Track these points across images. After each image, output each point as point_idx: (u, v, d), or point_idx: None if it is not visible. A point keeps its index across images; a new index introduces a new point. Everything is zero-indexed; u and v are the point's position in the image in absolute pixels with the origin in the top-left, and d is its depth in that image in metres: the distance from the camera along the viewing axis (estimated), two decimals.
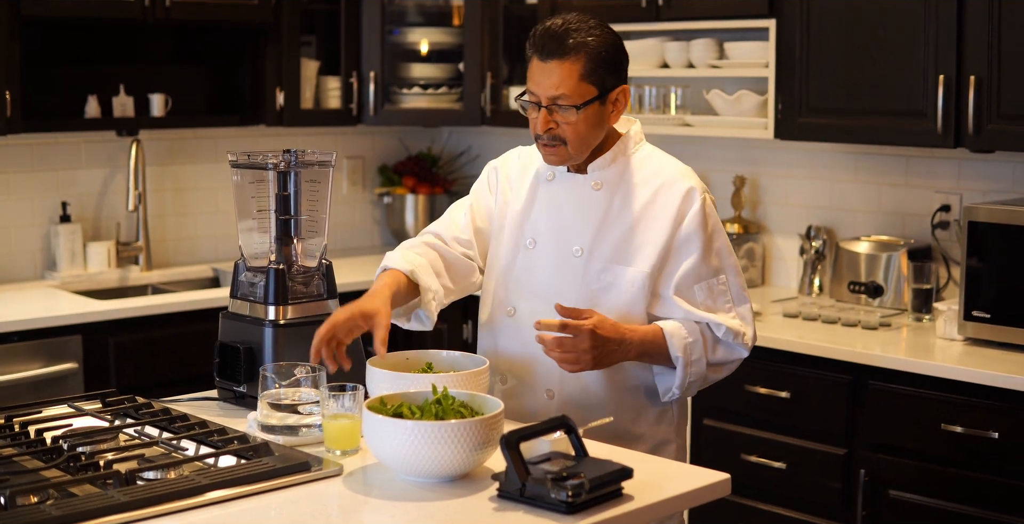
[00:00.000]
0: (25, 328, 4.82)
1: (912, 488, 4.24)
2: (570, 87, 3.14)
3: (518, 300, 3.35)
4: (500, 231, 3.42)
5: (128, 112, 5.72)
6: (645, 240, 3.25)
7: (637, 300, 3.24)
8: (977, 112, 4.35)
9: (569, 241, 3.30)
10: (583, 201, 3.31)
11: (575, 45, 3.13)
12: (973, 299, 4.36)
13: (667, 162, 3.34)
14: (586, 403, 3.28)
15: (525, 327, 3.29)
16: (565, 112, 3.16)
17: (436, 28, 6.32)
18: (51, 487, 2.52)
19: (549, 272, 3.31)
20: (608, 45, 3.19)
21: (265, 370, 2.95)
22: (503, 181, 3.46)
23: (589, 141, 3.23)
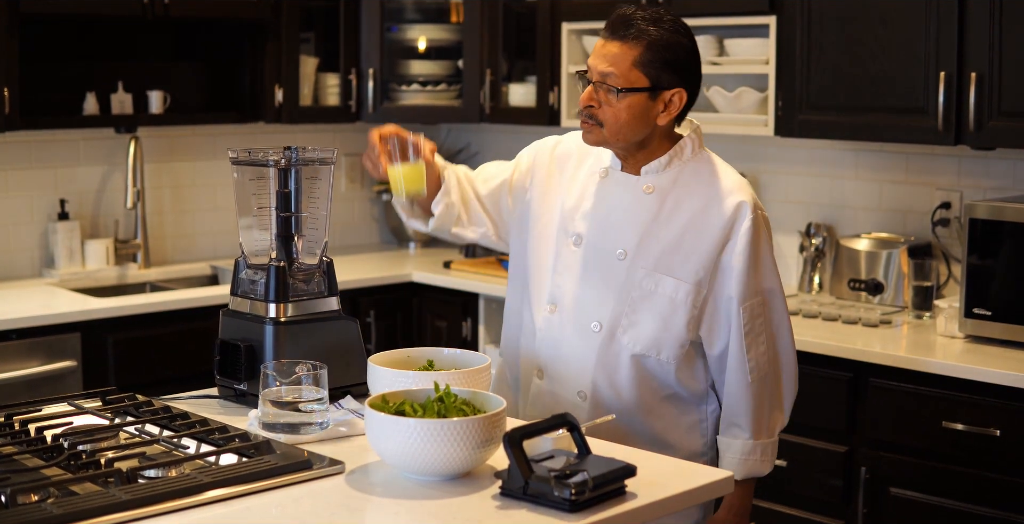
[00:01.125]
0: (23, 326, 4.82)
1: (913, 486, 4.24)
2: (621, 69, 3.11)
3: (560, 297, 3.31)
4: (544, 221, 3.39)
5: (127, 109, 5.72)
6: (691, 251, 3.20)
7: (678, 312, 3.20)
8: (978, 109, 4.35)
9: (614, 243, 3.25)
10: (632, 203, 3.25)
11: (639, 31, 3.11)
12: (974, 296, 4.35)
13: (724, 172, 3.27)
14: (618, 407, 3.26)
15: (564, 325, 3.29)
16: (608, 93, 3.13)
17: (435, 25, 6.31)
18: (52, 485, 2.51)
19: (591, 273, 3.27)
20: (674, 43, 3.15)
21: (266, 368, 2.94)
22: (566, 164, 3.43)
23: (627, 133, 3.17)
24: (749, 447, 3.27)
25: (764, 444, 3.29)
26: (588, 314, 3.24)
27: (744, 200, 3.20)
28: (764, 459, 3.29)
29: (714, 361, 3.28)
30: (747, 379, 3.23)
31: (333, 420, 3.00)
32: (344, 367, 3.23)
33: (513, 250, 3.48)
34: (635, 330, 3.23)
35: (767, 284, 3.24)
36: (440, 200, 3.38)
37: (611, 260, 3.24)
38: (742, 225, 3.18)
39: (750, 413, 3.26)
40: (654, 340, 3.22)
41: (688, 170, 3.25)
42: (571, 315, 3.28)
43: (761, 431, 3.28)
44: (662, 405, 3.28)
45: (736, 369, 3.24)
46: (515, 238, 3.47)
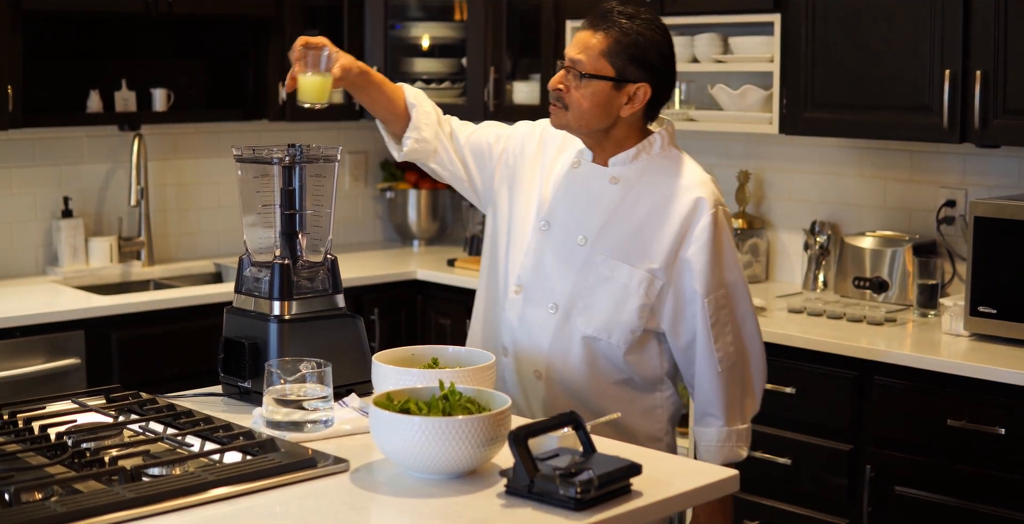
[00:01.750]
0: (27, 323, 4.82)
1: (918, 484, 4.23)
2: (589, 57, 3.22)
3: (526, 279, 3.41)
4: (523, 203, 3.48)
5: (130, 107, 5.72)
6: (649, 241, 3.29)
7: (631, 298, 3.29)
8: (983, 107, 4.34)
9: (576, 229, 3.36)
10: (598, 192, 3.35)
11: (611, 23, 3.23)
12: (979, 294, 4.34)
13: (688, 169, 3.36)
14: (573, 389, 3.37)
15: (527, 306, 3.40)
16: (575, 78, 3.24)
17: (438, 22, 6.30)
18: (56, 483, 2.51)
19: (555, 257, 3.37)
20: (645, 38, 3.24)
21: (270, 366, 2.94)
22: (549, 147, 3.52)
23: (589, 119, 3.27)
24: (724, 434, 3.37)
25: (739, 430, 3.39)
26: (546, 296, 3.37)
27: (703, 196, 3.29)
28: (740, 444, 3.40)
29: (681, 353, 3.37)
30: (717, 369, 3.33)
31: (337, 418, 3.00)
32: (348, 365, 3.23)
33: (492, 224, 3.57)
34: (589, 313, 3.33)
35: (730, 277, 3.33)
36: (409, 135, 3.50)
37: (572, 246, 3.36)
38: (701, 221, 3.28)
39: (722, 401, 3.35)
40: (605, 323, 3.32)
41: (655, 164, 3.35)
42: (532, 297, 3.39)
43: (735, 418, 3.38)
44: (615, 389, 3.38)
45: (705, 360, 3.33)
46: (496, 213, 3.56)
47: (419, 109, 3.50)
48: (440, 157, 3.55)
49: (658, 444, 3.38)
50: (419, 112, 3.50)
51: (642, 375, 3.37)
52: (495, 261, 3.54)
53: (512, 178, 3.52)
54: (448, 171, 3.58)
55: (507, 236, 3.49)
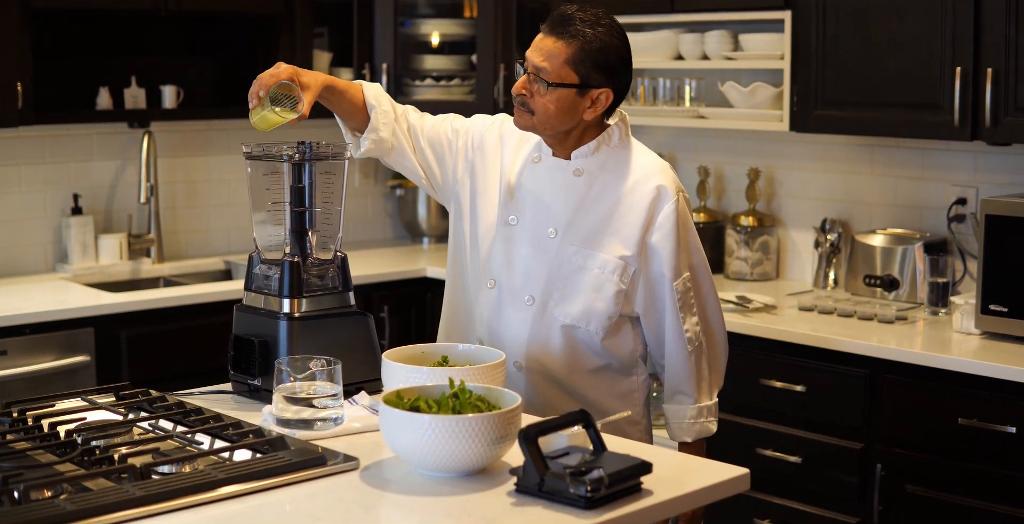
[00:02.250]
0: (37, 321, 4.82)
1: (929, 483, 4.23)
2: (553, 66, 3.28)
3: (499, 274, 3.47)
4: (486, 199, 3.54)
5: (140, 104, 5.72)
6: (618, 229, 3.39)
7: (606, 285, 3.38)
8: (994, 105, 4.33)
9: (545, 222, 3.43)
10: (563, 185, 3.43)
11: (575, 31, 3.27)
12: (990, 293, 4.33)
13: (646, 157, 3.47)
14: (554, 378, 3.45)
15: (502, 299, 3.47)
16: (539, 85, 3.30)
17: (448, 20, 6.30)
18: (65, 481, 2.51)
19: (526, 250, 3.44)
20: (607, 45, 3.30)
21: (280, 363, 2.93)
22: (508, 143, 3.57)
23: (554, 123, 3.34)
24: (696, 411, 3.49)
25: (708, 406, 3.51)
26: (522, 289, 3.43)
27: (664, 184, 3.39)
28: (710, 419, 3.52)
29: (652, 335, 3.49)
30: (687, 349, 3.45)
31: (347, 416, 2.99)
32: (358, 363, 3.23)
33: (456, 219, 3.64)
34: (565, 302, 3.40)
35: (693, 260, 3.45)
36: (367, 136, 3.49)
37: (543, 238, 3.42)
38: (665, 207, 3.38)
39: (692, 379, 3.48)
40: (583, 312, 3.40)
41: (615, 155, 3.44)
42: (507, 291, 3.46)
43: (704, 394, 3.50)
44: (594, 375, 3.46)
45: (674, 341, 3.45)
46: (459, 207, 3.61)
47: (378, 110, 3.51)
48: (396, 154, 3.58)
49: (636, 427, 3.49)
50: (378, 113, 3.51)
51: (619, 359, 3.46)
52: (461, 256, 3.61)
53: (472, 172, 3.58)
54: (404, 167, 3.62)
55: (472, 230, 3.56)
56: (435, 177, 3.63)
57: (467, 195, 3.57)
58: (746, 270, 5.44)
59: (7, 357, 4.74)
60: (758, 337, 4.58)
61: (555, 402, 3.42)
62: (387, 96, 3.57)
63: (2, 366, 4.72)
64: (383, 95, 3.55)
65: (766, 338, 4.57)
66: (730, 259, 5.48)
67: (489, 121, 3.64)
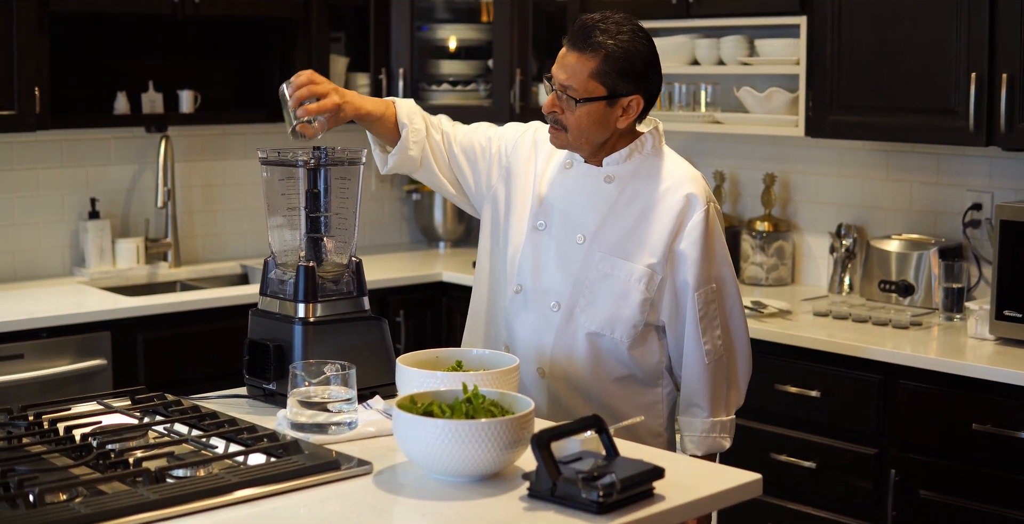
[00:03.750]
0: (54, 324, 4.84)
1: (943, 488, 4.22)
2: (578, 81, 3.26)
3: (525, 279, 3.46)
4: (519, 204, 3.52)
5: (157, 108, 5.74)
6: (645, 237, 3.36)
7: (631, 293, 3.35)
8: (1009, 110, 4.33)
9: (574, 228, 3.41)
10: (593, 192, 3.41)
11: (596, 44, 3.24)
12: (1005, 298, 4.33)
13: (678, 165, 3.44)
14: (576, 385, 3.43)
15: (528, 305, 3.46)
16: (568, 102, 3.29)
17: (465, 24, 6.31)
18: (80, 485, 2.52)
19: (553, 256, 3.43)
20: (631, 53, 3.27)
21: (295, 368, 2.94)
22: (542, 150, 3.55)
23: (589, 136, 3.33)
24: (708, 425, 3.42)
25: (723, 422, 3.44)
26: (548, 295, 3.42)
27: (695, 192, 3.36)
28: (723, 435, 3.45)
29: (674, 344, 3.44)
30: (704, 361, 3.39)
31: (361, 420, 3.00)
32: (373, 367, 3.24)
33: (488, 224, 3.61)
34: (591, 310, 3.39)
35: (719, 272, 3.41)
36: (395, 154, 3.50)
37: (571, 245, 3.41)
38: (694, 216, 3.35)
39: (708, 393, 3.41)
40: (608, 319, 3.38)
41: (647, 163, 3.42)
42: (532, 296, 3.45)
43: (719, 409, 3.43)
44: (618, 385, 3.43)
45: (693, 352, 3.40)
46: (493, 212, 3.59)
47: (409, 128, 3.50)
48: (424, 171, 3.58)
49: (659, 440, 3.45)
50: (408, 131, 3.50)
51: (644, 369, 3.43)
52: (493, 260, 3.59)
53: (508, 178, 3.56)
54: (432, 182, 3.62)
55: (503, 235, 3.54)
56: (467, 184, 3.61)
57: (501, 201, 3.56)
58: (761, 275, 5.44)
59: (24, 360, 4.76)
60: (773, 342, 4.58)
61: (576, 410, 3.39)
62: (420, 112, 3.56)
63: (19, 369, 4.74)
64: (416, 112, 3.54)
65: (781, 343, 4.57)
66: (745, 264, 5.48)
67: (523, 128, 3.63)
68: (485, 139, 3.61)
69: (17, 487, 2.44)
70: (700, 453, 3.42)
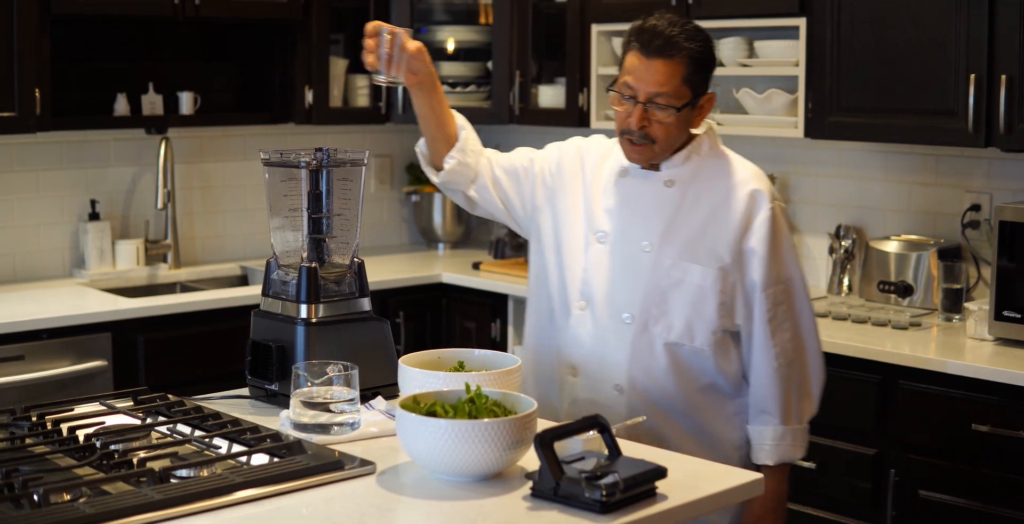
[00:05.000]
0: (54, 326, 4.84)
1: (942, 488, 4.23)
2: (672, 87, 3.21)
3: (591, 294, 3.38)
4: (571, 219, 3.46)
5: (157, 110, 5.74)
6: (715, 239, 3.30)
7: (707, 298, 3.28)
8: (1008, 111, 4.34)
9: (639, 236, 3.34)
10: (655, 197, 3.36)
11: (683, 48, 3.20)
12: (1004, 299, 4.34)
13: (740, 164, 3.39)
14: (656, 398, 3.33)
15: (597, 320, 3.36)
16: (663, 111, 3.23)
17: (464, 26, 6.32)
18: (84, 485, 2.52)
19: (619, 267, 3.35)
20: (708, 52, 3.28)
21: (297, 368, 2.95)
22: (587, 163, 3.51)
23: (675, 142, 3.31)
24: (780, 432, 3.35)
25: (795, 430, 3.37)
26: (619, 307, 3.33)
27: (761, 189, 3.32)
28: (796, 444, 3.38)
29: (745, 349, 3.37)
30: (773, 364, 3.32)
31: (364, 421, 3.01)
32: (375, 368, 3.24)
33: (537, 247, 3.54)
34: (666, 319, 3.31)
35: (788, 272, 3.35)
36: (453, 156, 3.48)
37: (637, 253, 3.33)
38: (761, 213, 3.30)
39: (778, 398, 3.34)
40: (686, 328, 3.30)
41: (706, 164, 3.37)
42: (602, 310, 3.35)
43: (790, 417, 3.36)
44: (700, 395, 3.35)
45: (762, 355, 3.33)
46: (540, 235, 3.53)
47: (468, 132, 3.51)
48: (478, 184, 3.54)
49: (740, 452, 3.39)
50: (467, 134, 3.50)
51: (727, 378, 3.36)
52: (545, 284, 3.51)
53: (553, 197, 3.51)
54: (485, 198, 3.55)
55: (557, 255, 3.47)
56: (514, 207, 3.57)
57: (548, 220, 3.51)
58: None
59: (25, 362, 4.76)
60: None
61: (659, 426, 3.31)
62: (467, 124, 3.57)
63: (20, 371, 4.74)
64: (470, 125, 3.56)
65: None
66: None
67: (564, 145, 3.58)
68: (527, 160, 3.56)
69: (22, 487, 2.45)
70: (771, 462, 3.34)
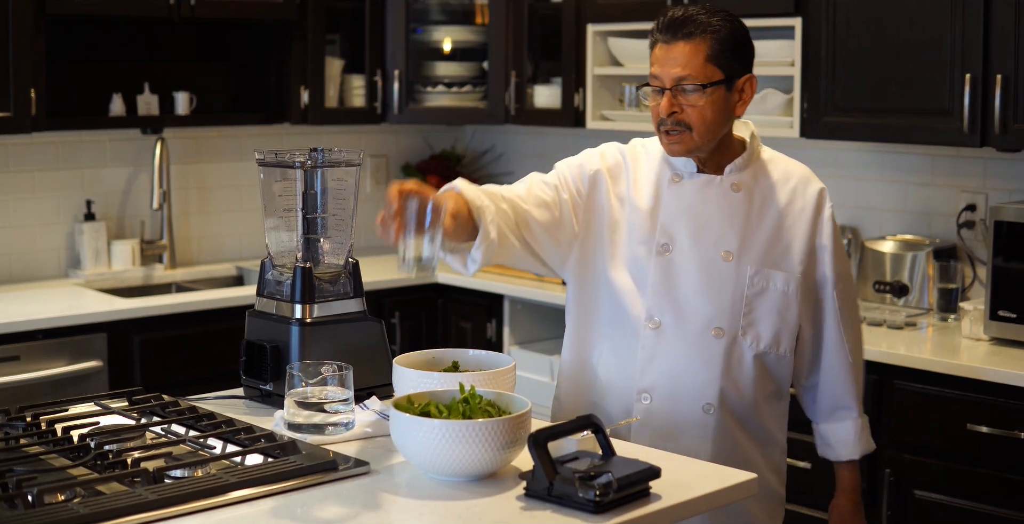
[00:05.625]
0: (50, 326, 4.84)
1: (937, 488, 4.23)
2: (696, 67, 3.08)
3: (662, 311, 3.20)
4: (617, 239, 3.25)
5: (153, 110, 5.74)
6: (791, 242, 3.23)
7: (791, 304, 3.22)
8: (1003, 111, 4.34)
9: (714, 245, 3.20)
10: (724, 203, 3.21)
11: (702, 26, 3.09)
12: (999, 299, 4.34)
13: (793, 163, 3.32)
14: (745, 413, 3.24)
15: (677, 339, 3.20)
16: (691, 94, 3.10)
17: (460, 26, 6.32)
18: (78, 485, 2.53)
19: (695, 278, 3.19)
20: (734, 31, 3.14)
21: (292, 368, 2.95)
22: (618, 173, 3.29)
23: (715, 129, 3.14)
24: (859, 425, 3.38)
25: (866, 420, 3.41)
26: (704, 322, 3.18)
27: (823, 187, 3.29)
28: (870, 435, 3.42)
29: (808, 346, 3.33)
30: (848, 360, 3.31)
31: (358, 421, 3.01)
32: (369, 368, 3.24)
33: (579, 276, 3.30)
34: (754, 329, 3.20)
35: (848, 269, 3.35)
36: (479, 246, 2.96)
37: (715, 262, 3.19)
38: (826, 211, 3.26)
39: (855, 393, 3.35)
40: (775, 336, 3.22)
41: (764, 167, 3.27)
42: (684, 326, 3.19)
43: (862, 408, 3.39)
44: (768, 401, 3.28)
45: (836, 352, 3.31)
46: (580, 264, 3.27)
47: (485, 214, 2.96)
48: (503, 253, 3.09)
49: (783, 456, 3.39)
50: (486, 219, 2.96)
51: (788, 381, 3.33)
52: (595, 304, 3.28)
53: (589, 220, 3.26)
54: (514, 261, 3.19)
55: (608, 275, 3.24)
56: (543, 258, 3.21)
57: (592, 243, 3.25)
58: None
59: (20, 362, 4.76)
60: None
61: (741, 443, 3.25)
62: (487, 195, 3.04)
63: (15, 371, 4.74)
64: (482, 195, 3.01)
65: None
66: None
67: (582, 160, 3.30)
68: (550, 189, 3.20)
69: (16, 487, 2.45)
70: (857, 456, 3.35)
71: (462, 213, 2.90)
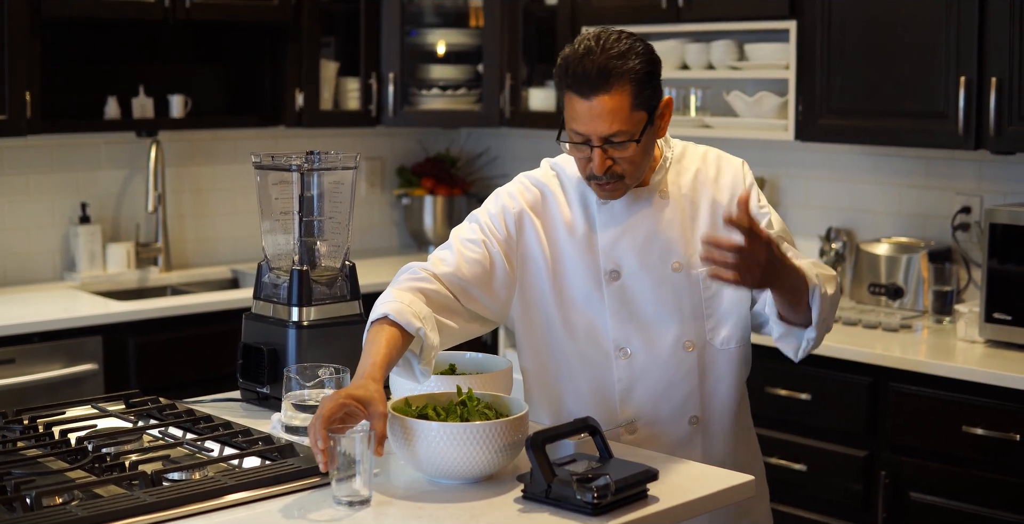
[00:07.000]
0: (45, 329, 4.84)
1: (933, 490, 4.24)
2: (623, 120, 2.89)
3: (629, 339, 3.07)
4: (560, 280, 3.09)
5: (148, 113, 5.73)
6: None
7: (744, 295, 3.09)
8: (998, 114, 4.35)
9: (661, 259, 3.07)
10: (658, 214, 3.08)
11: (619, 73, 2.88)
12: (994, 301, 4.35)
13: (695, 149, 3.16)
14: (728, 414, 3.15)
15: (647, 363, 3.07)
16: (623, 148, 2.91)
17: (455, 29, 6.32)
18: (76, 488, 2.53)
19: (651, 298, 3.06)
20: (646, 63, 2.93)
21: (289, 371, 2.96)
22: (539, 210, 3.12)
23: (644, 167, 3.00)
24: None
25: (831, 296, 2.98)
26: (672, 340, 3.07)
27: (741, 161, 3.15)
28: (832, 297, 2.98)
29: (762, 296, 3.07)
30: None
31: None
32: None
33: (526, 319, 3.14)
34: (721, 329, 3.10)
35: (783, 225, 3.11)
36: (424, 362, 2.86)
37: (667, 276, 3.06)
38: (747, 178, 3.11)
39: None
40: (743, 329, 3.13)
41: (677, 164, 3.13)
42: (653, 349, 3.08)
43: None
44: (740, 392, 3.19)
45: None
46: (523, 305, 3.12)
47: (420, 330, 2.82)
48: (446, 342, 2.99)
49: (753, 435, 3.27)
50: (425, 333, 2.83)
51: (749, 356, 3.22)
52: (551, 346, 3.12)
53: (525, 264, 3.09)
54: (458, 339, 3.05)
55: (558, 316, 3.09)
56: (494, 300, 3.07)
57: (532, 287, 3.09)
58: None
59: (15, 365, 4.76)
60: (762, 345, 4.55)
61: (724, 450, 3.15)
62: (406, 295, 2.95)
63: (11, 374, 4.74)
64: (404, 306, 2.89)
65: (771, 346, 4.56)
66: None
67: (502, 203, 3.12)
68: (478, 246, 3.04)
69: (14, 490, 2.45)
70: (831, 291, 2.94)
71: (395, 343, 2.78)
